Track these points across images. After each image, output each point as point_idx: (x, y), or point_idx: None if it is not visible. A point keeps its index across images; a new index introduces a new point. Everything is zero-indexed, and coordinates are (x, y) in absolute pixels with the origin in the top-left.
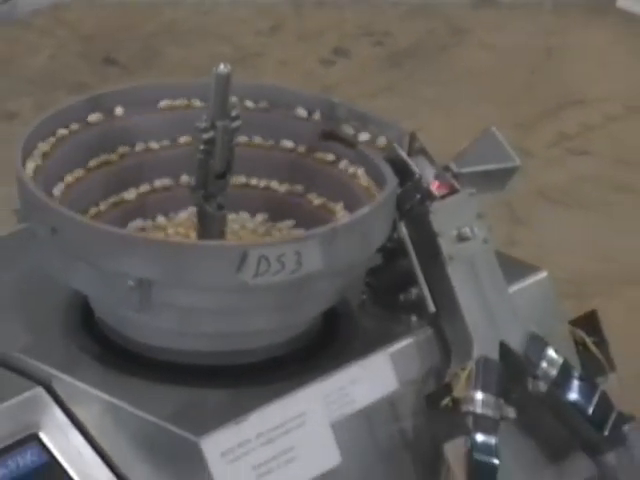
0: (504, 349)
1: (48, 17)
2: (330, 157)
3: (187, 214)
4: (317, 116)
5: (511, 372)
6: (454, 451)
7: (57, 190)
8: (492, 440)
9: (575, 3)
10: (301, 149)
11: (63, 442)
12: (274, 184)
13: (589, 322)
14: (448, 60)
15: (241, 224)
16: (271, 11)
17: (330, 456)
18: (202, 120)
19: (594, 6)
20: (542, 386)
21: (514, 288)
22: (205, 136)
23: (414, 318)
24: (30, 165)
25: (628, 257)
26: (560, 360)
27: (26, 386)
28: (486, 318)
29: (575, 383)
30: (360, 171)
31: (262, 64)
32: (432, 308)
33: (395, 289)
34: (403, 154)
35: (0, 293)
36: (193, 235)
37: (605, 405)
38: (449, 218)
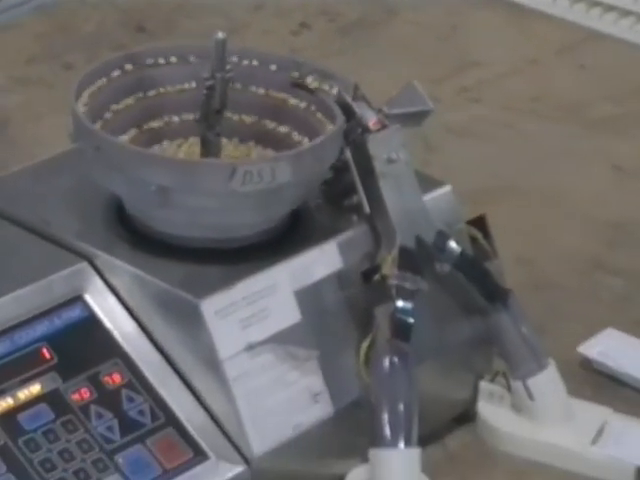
0: (419, 240)
1: None
2: (296, 100)
3: (195, 139)
4: (287, 70)
5: (424, 257)
6: (382, 313)
7: (101, 119)
8: (409, 305)
9: None
10: (275, 94)
11: (101, 302)
12: (256, 119)
13: (480, 222)
14: (383, 32)
15: (232, 147)
16: None
17: (293, 315)
18: (206, 71)
19: None
20: (446, 267)
21: (427, 197)
22: (208, 83)
23: (355, 217)
24: (81, 102)
25: (509, 175)
26: (459, 249)
27: (75, 261)
28: (406, 218)
29: (469, 265)
30: (318, 111)
31: (248, 33)
32: (367, 210)
33: (342, 196)
34: (349, 99)
35: (59, 193)
36: (198, 154)
37: (490, 281)
38: (381, 146)
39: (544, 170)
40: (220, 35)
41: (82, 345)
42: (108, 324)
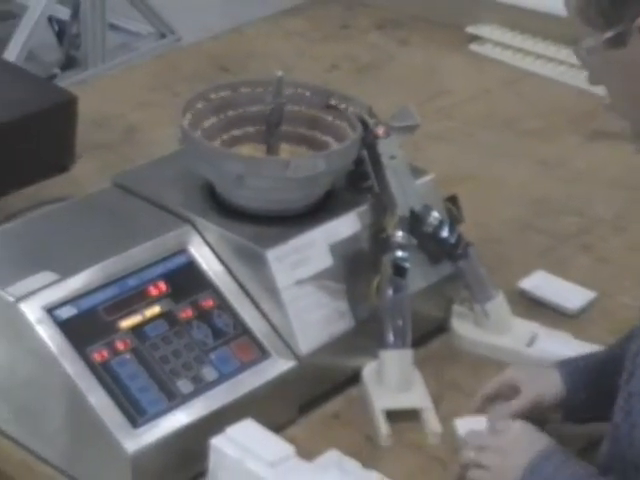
0: (412, 211)
1: (195, 45)
2: (329, 117)
3: (261, 142)
4: (324, 96)
5: (415, 223)
6: (387, 259)
7: (199, 129)
8: (405, 254)
9: (446, 47)
10: (315, 112)
11: (199, 252)
12: (302, 130)
13: (453, 199)
14: (387, 73)
15: (286, 148)
16: (299, 46)
17: (327, 260)
18: (269, 97)
19: (457, 48)
20: (429, 229)
21: (417, 182)
22: (270, 106)
23: (369, 195)
24: (186, 118)
25: (470, 168)
26: (438, 216)
27: (182, 224)
28: (403, 196)
29: (445, 228)
30: (344, 124)
31: (296, 72)
32: (377, 190)
33: (360, 181)
34: (365, 116)
35: (171, 179)
36: (265, 153)
37: (459, 238)
38: (386, 147)
39: (493, 164)
40: (279, 73)
41: (187, 280)
42: (204, 266)
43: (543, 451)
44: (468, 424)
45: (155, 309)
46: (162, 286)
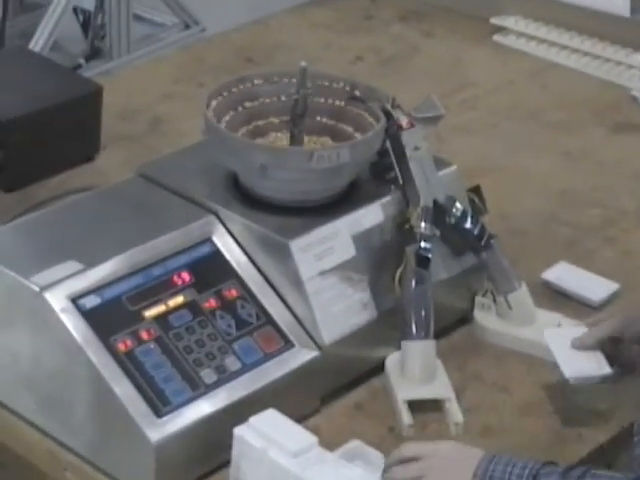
0: (435, 202)
1: (220, 36)
2: (353, 108)
3: (285, 133)
4: (348, 87)
5: (439, 213)
6: (410, 250)
7: (223, 120)
8: (428, 245)
9: (470, 38)
10: (339, 103)
11: (223, 242)
12: (326, 121)
13: (476, 190)
14: (411, 64)
15: (310, 139)
16: (324, 38)
17: (350, 251)
18: (292, 88)
19: (481, 40)
20: (453, 220)
21: (440, 173)
22: (294, 97)
23: (392, 186)
24: (210, 109)
25: (493, 158)
26: (462, 208)
27: (206, 214)
28: (427, 187)
29: (468, 219)
30: (368, 115)
31: (321, 63)
32: (401, 181)
33: (383, 172)
34: (388, 107)
35: (195, 169)
36: (288, 143)
37: (482, 229)
38: (410, 138)
39: (517, 155)
40: (303, 64)
41: (211, 270)
42: (228, 256)
43: (485, 456)
44: (557, 334)
45: (179, 299)
46: (186, 276)
